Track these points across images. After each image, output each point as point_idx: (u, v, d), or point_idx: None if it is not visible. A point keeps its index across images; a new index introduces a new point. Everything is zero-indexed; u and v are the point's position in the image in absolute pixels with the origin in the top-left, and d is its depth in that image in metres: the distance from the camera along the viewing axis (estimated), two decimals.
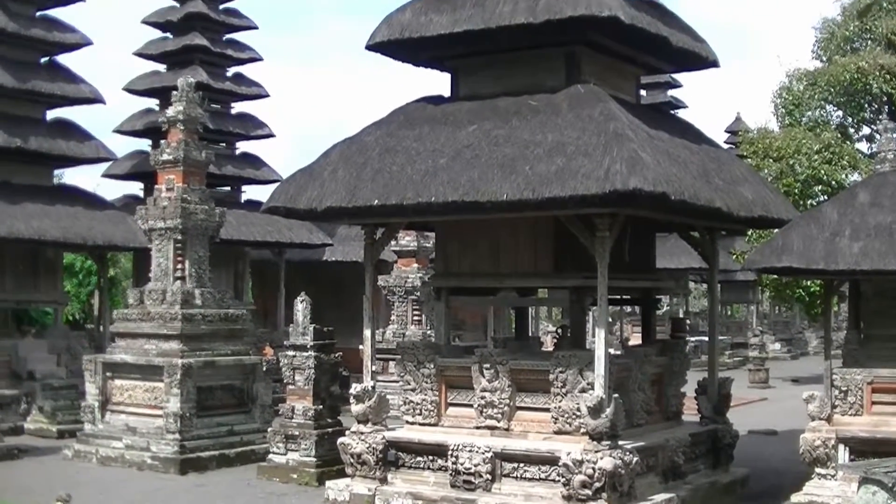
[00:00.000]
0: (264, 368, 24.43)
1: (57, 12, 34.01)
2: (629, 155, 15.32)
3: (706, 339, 23.73)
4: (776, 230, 20.02)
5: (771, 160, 39.37)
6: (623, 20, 16.92)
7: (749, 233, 34.97)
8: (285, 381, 21.73)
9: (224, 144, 39.17)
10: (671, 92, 55.09)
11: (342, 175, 17.82)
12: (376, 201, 17.08)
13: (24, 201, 30.74)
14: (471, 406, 18.01)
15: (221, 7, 39.35)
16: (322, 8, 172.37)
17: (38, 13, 33.37)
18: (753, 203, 18.54)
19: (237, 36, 40.24)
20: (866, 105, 45.78)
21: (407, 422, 18.77)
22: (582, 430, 16.27)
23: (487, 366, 17.74)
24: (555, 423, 17.08)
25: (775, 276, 33.75)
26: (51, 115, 33.68)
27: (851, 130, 47.45)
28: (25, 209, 30.42)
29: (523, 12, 17.28)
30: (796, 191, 37.92)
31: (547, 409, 17.22)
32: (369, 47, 19.03)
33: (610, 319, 27.26)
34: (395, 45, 18.87)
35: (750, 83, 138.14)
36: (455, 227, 18.99)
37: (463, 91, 19.21)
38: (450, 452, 17.31)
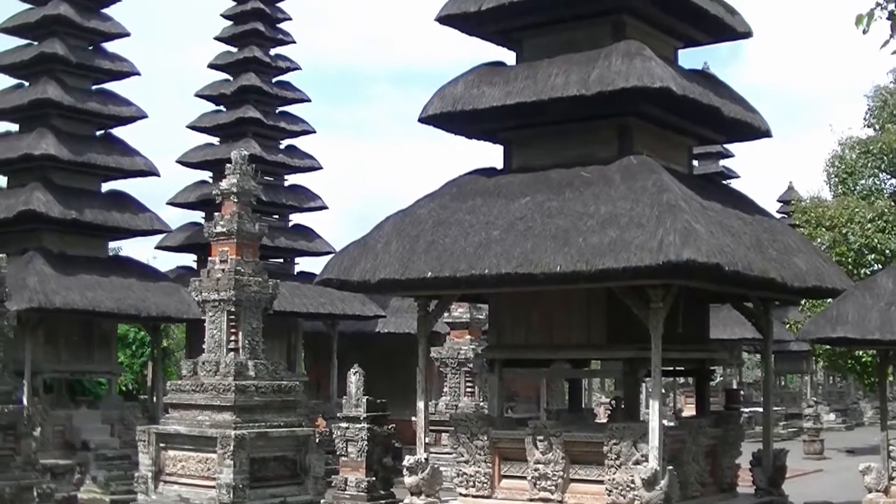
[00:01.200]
0: (317, 440, 24.39)
1: (112, 86, 34.63)
2: (682, 226, 15.30)
3: (760, 409, 23.53)
4: (830, 300, 19.90)
5: (824, 229, 39.16)
6: (675, 91, 16.96)
7: (803, 302, 34.77)
8: (338, 452, 21.77)
9: (277, 216, 39.52)
10: (723, 162, 55.09)
11: (395, 247, 17.88)
12: (430, 273, 17.13)
13: (80, 272, 31.08)
14: (524, 478, 17.89)
15: (274, 80, 39.88)
16: (374, 80, 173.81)
17: (94, 87, 33.93)
18: (807, 273, 18.43)
19: (290, 109, 40.75)
20: None
21: (460, 494, 18.66)
22: (636, 503, 16.17)
23: (541, 438, 17.64)
24: (609, 495, 16.93)
25: (829, 346, 33.48)
26: (106, 187, 34.13)
27: None
28: (80, 280, 30.72)
29: (575, 84, 17.34)
30: (850, 260, 37.68)
31: (601, 482, 17.09)
32: (422, 120, 19.15)
33: (663, 390, 27.10)
34: (447, 117, 18.97)
35: (802, 152, 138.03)
36: (508, 299, 18.98)
37: (515, 163, 19.27)
38: None
